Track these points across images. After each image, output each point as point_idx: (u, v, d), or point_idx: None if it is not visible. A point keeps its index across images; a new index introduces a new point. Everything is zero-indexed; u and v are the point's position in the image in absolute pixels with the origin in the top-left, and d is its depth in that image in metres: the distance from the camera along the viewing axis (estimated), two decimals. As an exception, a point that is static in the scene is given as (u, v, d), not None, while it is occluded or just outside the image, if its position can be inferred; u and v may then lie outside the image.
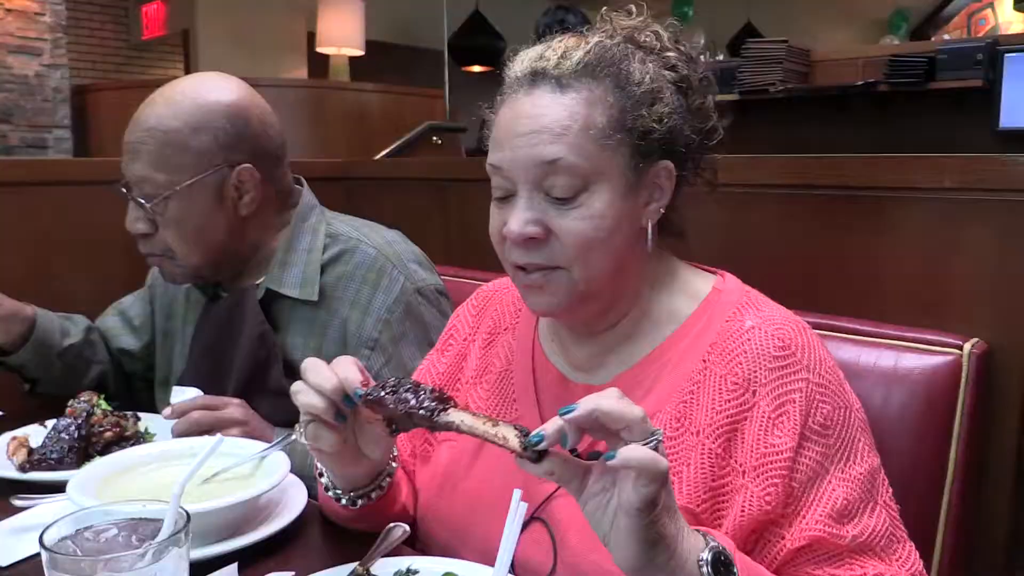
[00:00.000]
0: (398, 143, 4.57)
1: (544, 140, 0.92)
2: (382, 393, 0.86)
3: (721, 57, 7.02)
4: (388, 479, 1.05)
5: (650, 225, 0.97)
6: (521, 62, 0.98)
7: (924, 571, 0.92)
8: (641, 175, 0.95)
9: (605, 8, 1.02)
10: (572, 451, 0.96)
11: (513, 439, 0.75)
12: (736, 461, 0.91)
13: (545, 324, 1.10)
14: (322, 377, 0.90)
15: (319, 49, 6.85)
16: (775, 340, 0.94)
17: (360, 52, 6.84)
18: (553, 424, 0.74)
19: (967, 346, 1.10)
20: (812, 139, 4.34)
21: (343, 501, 1.04)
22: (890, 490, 0.95)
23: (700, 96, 1.00)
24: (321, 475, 1.06)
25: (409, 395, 0.84)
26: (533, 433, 0.74)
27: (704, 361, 0.96)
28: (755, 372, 0.93)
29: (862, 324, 1.18)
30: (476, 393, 1.12)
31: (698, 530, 0.81)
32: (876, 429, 0.99)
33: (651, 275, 1.02)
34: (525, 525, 0.95)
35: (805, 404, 0.91)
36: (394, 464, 1.06)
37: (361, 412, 0.93)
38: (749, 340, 0.94)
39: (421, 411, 0.82)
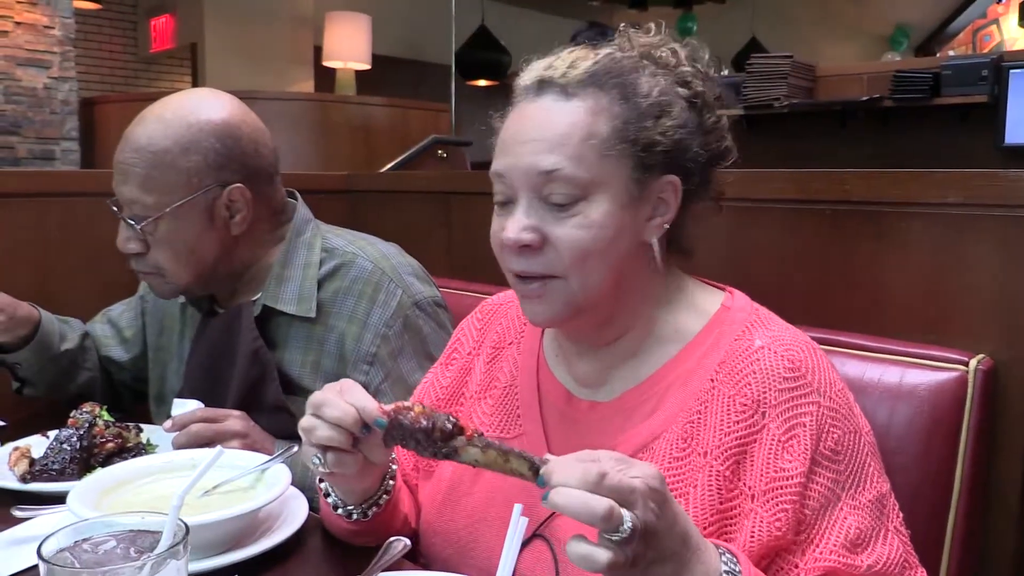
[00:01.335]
0: (403, 156, 4.59)
1: (543, 149, 0.92)
2: (400, 437, 0.85)
3: (726, 72, 7.03)
4: (392, 481, 1.04)
5: (655, 241, 0.96)
6: (530, 71, 0.99)
7: None
8: (644, 188, 0.94)
9: (624, 24, 1.03)
10: None
11: (528, 472, 0.77)
12: (745, 484, 0.90)
13: (550, 339, 1.09)
14: (340, 411, 0.88)
15: (326, 63, 6.88)
16: (785, 362, 0.92)
17: (366, 66, 6.88)
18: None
19: (973, 362, 1.09)
20: (816, 154, 4.35)
21: (355, 515, 1.02)
22: (900, 515, 0.93)
23: (715, 115, 0.99)
24: (327, 495, 1.04)
25: (420, 436, 0.83)
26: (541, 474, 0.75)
27: (712, 381, 0.94)
28: (765, 394, 0.91)
29: (866, 340, 1.18)
30: (480, 408, 1.11)
31: (717, 545, 0.81)
32: (881, 446, 0.98)
33: (658, 292, 1.01)
34: (527, 543, 0.94)
35: (816, 429, 0.89)
36: (393, 466, 1.05)
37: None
38: (758, 361, 0.93)
39: (431, 452, 0.83)
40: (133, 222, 1.36)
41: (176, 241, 1.37)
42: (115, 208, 1.39)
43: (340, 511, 1.03)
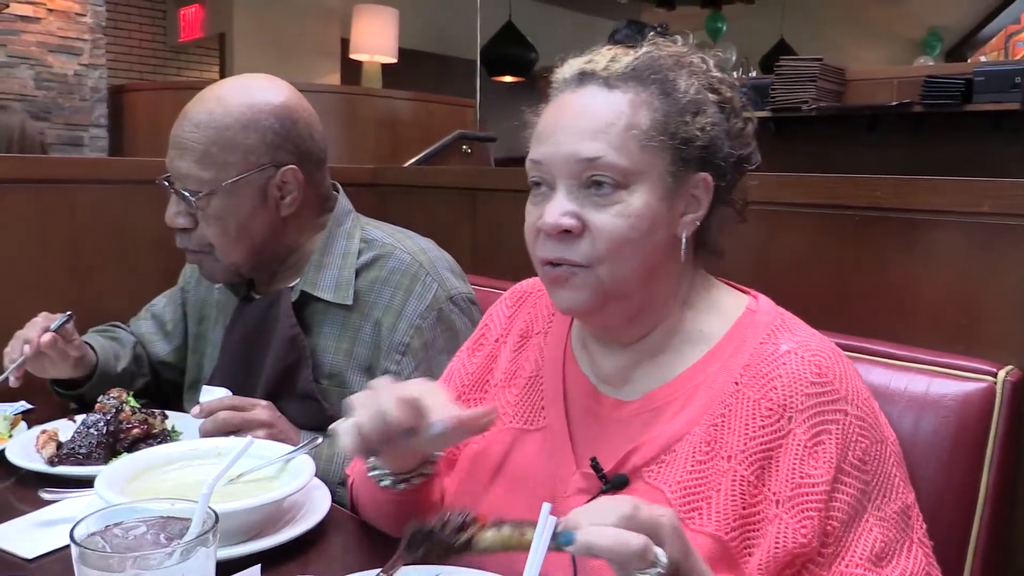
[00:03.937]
0: (428, 151, 4.59)
1: (585, 136, 0.93)
2: (422, 541, 0.83)
3: (754, 74, 6.98)
4: (432, 466, 1.04)
5: (684, 236, 0.97)
6: (570, 65, 1.01)
7: None
8: (680, 182, 0.95)
9: (653, 33, 1.04)
10: (600, 476, 0.95)
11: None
12: (770, 490, 0.89)
13: (577, 332, 1.09)
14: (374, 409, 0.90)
15: (352, 56, 6.90)
16: (812, 367, 0.92)
17: (393, 59, 6.89)
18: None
19: (1001, 373, 1.08)
20: (844, 159, 4.31)
21: (385, 483, 1.03)
22: (924, 526, 0.93)
23: (741, 121, 1.01)
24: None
25: (437, 535, 0.81)
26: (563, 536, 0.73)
27: (736, 384, 0.94)
28: (791, 398, 0.91)
29: (894, 348, 1.16)
30: (504, 397, 1.11)
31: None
32: (906, 455, 0.97)
33: (684, 291, 1.01)
34: None
35: (843, 437, 0.89)
36: (439, 452, 1.05)
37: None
38: (785, 365, 0.93)
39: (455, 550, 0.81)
40: (187, 195, 1.38)
41: (227, 217, 1.39)
42: (166, 183, 1.41)
43: (374, 473, 1.03)
